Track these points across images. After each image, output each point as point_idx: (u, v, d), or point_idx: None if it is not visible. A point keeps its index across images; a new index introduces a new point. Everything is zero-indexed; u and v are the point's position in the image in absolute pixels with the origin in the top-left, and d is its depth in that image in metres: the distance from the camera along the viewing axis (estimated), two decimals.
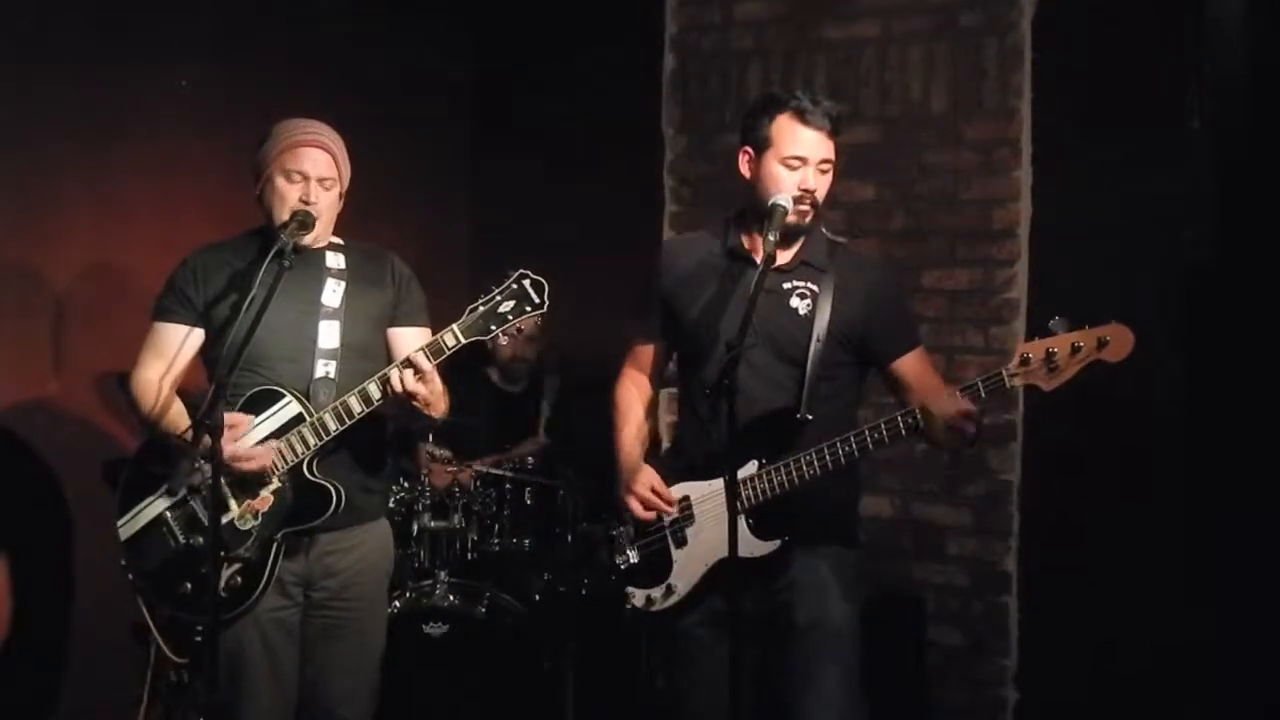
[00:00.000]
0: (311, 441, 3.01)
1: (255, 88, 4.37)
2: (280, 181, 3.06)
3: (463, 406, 4.16)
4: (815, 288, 3.06)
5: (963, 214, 4.37)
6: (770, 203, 2.98)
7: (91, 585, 4.02)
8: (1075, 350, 2.71)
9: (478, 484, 4.18)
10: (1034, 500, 4.26)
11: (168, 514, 3.07)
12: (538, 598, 4.24)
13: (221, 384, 2.79)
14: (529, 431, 4.63)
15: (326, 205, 3.11)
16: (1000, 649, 4.30)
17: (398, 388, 2.93)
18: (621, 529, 3.14)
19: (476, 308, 2.94)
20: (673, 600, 3.07)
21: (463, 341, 2.94)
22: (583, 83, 5.12)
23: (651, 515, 3.08)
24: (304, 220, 3.02)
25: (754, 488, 2.97)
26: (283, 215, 3.04)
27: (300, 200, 3.04)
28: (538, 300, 2.93)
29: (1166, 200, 3.95)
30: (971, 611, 4.35)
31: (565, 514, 4.26)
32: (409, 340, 3.14)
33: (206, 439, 2.75)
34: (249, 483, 3.02)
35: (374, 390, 2.97)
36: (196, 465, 2.91)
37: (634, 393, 3.29)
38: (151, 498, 3.09)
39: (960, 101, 4.40)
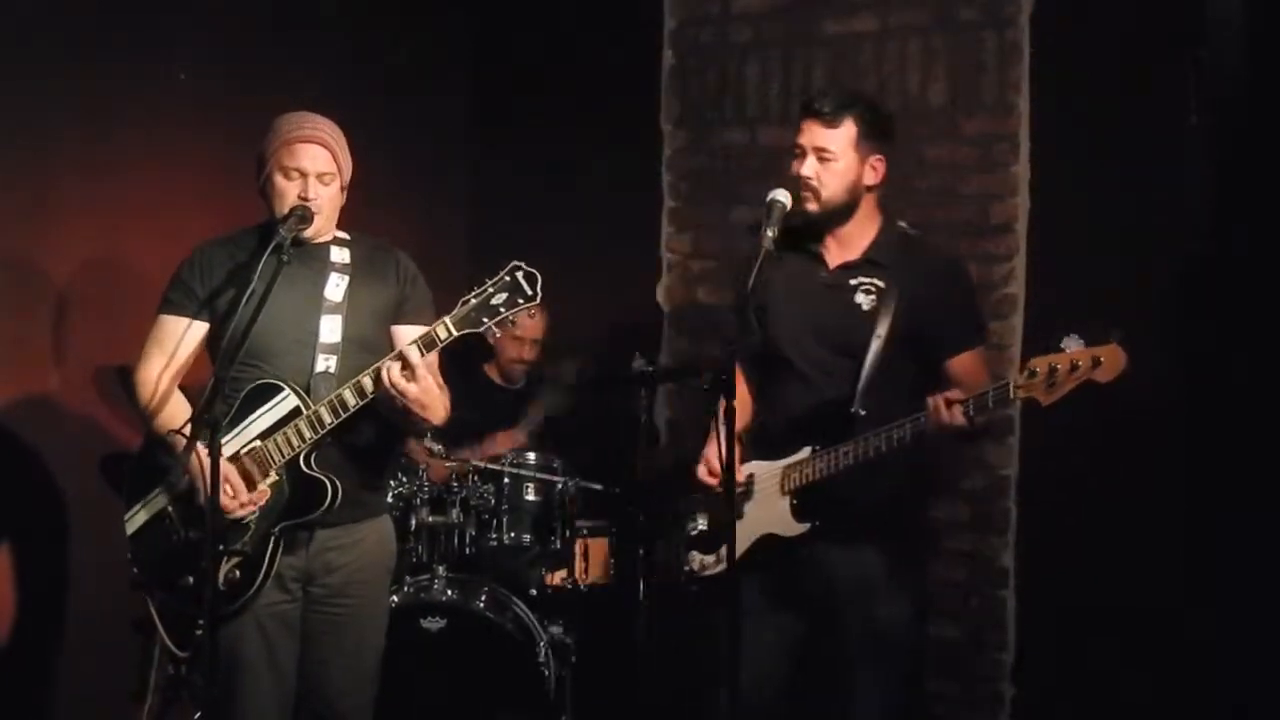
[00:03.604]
0: (307, 435, 3.01)
1: (254, 81, 4.37)
2: (279, 179, 3.07)
3: (459, 402, 4.19)
4: (881, 284, 3.14)
5: (961, 209, 4.37)
6: (768, 198, 3.02)
7: (92, 579, 4.02)
8: (1074, 368, 2.80)
9: (475, 479, 4.18)
10: (1032, 495, 4.27)
11: (169, 508, 3.08)
12: (534, 592, 4.24)
13: (220, 378, 2.80)
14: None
15: (327, 200, 3.11)
16: (997, 644, 4.30)
17: (386, 382, 2.92)
18: (695, 497, 3.28)
19: (469, 300, 2.93)
20: (721, 568, 3.18)
21: (455, 334, 2.93)
22: (581, 77, 5.11)
23: (711, 481, 3.19)
24: (302, 215, 3.03)
25: (801, 471, 3.10)
26: (283, 211, 3.06)
27: (299, 197, 3.05)
28: (530, 293, 2.92)
29: (1165, 196, 3.95)
30: (969, 606, 4.35)
31: (564, 509, 4.25)
32: (412, 338, 3.13)
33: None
34: (246, 476, 3.03)
35: (368, 383, 2.97)
36: (184, 472, 2.89)
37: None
38: (155, 491, 3.10)
39: (959, 96, 4.40)
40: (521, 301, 2.92)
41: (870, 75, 4.57)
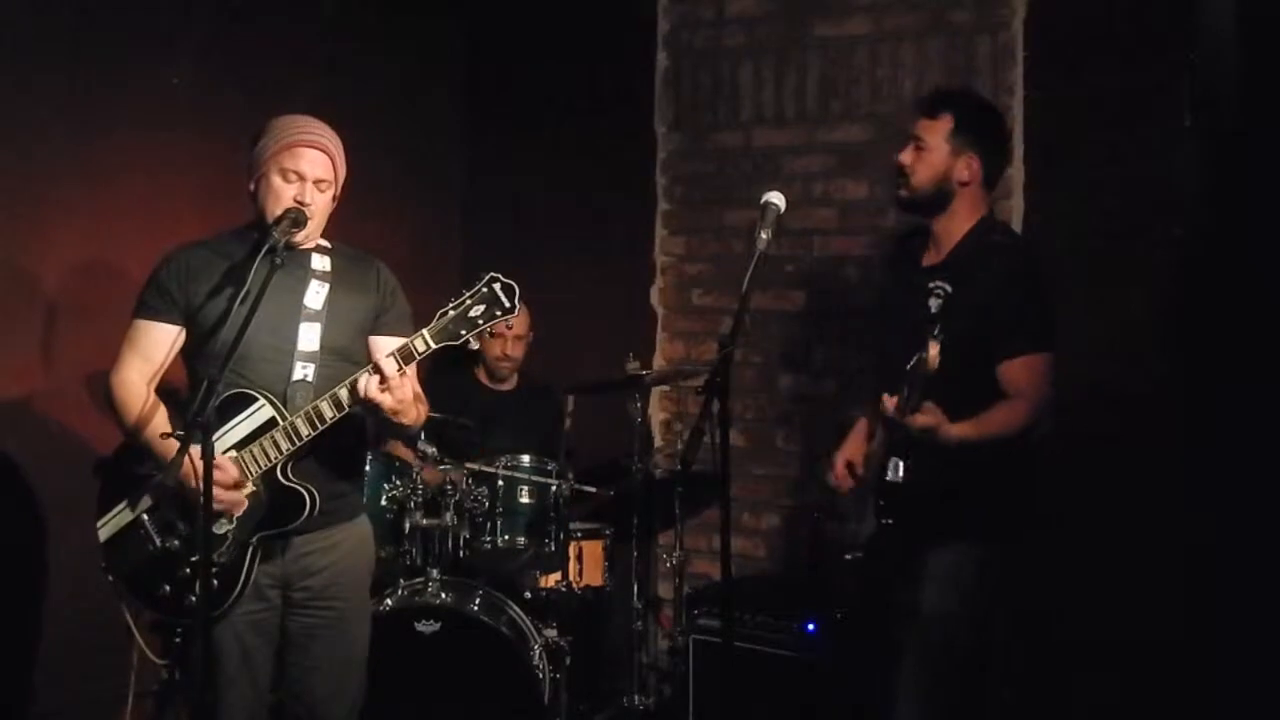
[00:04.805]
0: (284, 446, 2.98)
1: (248, 85, 4.37)
2: (276, 180, 3.04)
3: (450, 405, 4.20)
4: (949, 289, 3.20)
5: None
6: (762, 200, 3.04)
7: (84, 583, 4.00)
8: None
9: (469, 481, 4.17)
10: None
11: (144, 517, 3.04)
12: (528, 595, 4.24)
13: (214, 382, 2.76)
14: (513, 429, 4.60)
15: (320, 207, 3.09)
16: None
17: (361, 394, 2.91)
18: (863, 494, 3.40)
19: (447, 312, 2.92)
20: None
21: (433, 346, 2.91)
22: (575, 81, 5.12)
23: (834, 478, 3.41)
24: (296, 218, 3.00)
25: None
26: (276, 213, 3.02)
27: (295, 200, 3.02)
28: (508, 304, 2.91)
29: (1158, 197, 3.96)
30: None
31: (559, 512, 4.25)
32: (389, 349, 3.07)
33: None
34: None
35: (345, 396, 2.95)
36: (171, 481, 2.85)
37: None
38: (129, 499, 3.06)
39: None
40: (499, 313, 2.90)
41: (864, 78, 4.58)
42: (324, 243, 3.22)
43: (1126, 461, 3.94)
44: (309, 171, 3.04)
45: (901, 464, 3.07)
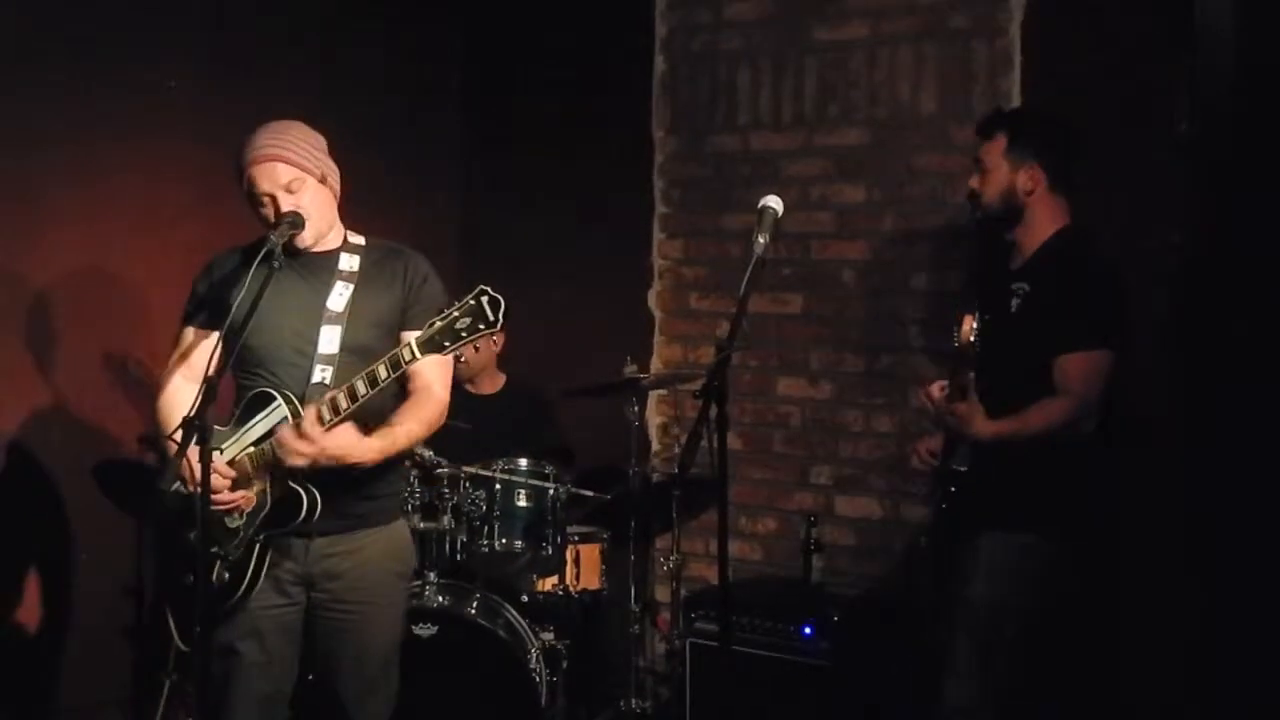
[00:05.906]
0: None
1: (244, 88, 4.37)
2: (254, 206, 3.07)
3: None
4: (1028, 288, 3.35)
5: (953, 216, 4.38)
6: (759, 204, 3.03)
7: (82, 586, 4.02)
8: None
9: (466, 485, 4.17)
10: None
11: (174, 510, 3.05)
12: (525, 598, 4.24)
13: (210, 385, 2.77)
14: (500, 433, 4.58)
15: (312, 203, 3.06)
16: None
17: (282, 439, 2.93)
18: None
19: (434, 323, 2.88)
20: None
21: (419, 357, 2.89)
22: (573, 84, 5.13)
23: (915, 460, 3.60)
24: (294, 221, 3.01)
25: None
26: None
27: (275, 217, 3.04)
28: (492, 319, 2.86)
29: (1155, 202, 3.96)
30: None
31: (556, 515, 4.24)
32: None
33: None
34: (238, 481, 3.03)
35: (342, 400, 2.94)
36: (168, 484, 2.87)
37: None
38: (150, 501, 3.13)
39: (949, 104, 4.41)
40: (483, 327, 2.86)
41: (861, 83, 4.58)
42: (357, 240, 3.22)
43: (1127, 461, 3.94)
44: (270, 185, 3.02)
45: (969, 453, 3.20)
